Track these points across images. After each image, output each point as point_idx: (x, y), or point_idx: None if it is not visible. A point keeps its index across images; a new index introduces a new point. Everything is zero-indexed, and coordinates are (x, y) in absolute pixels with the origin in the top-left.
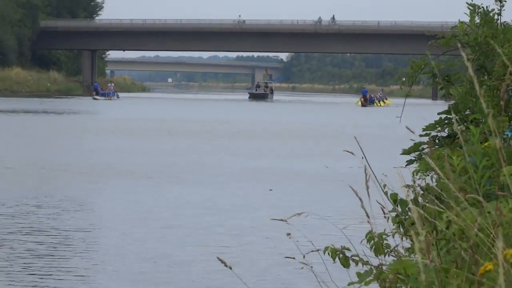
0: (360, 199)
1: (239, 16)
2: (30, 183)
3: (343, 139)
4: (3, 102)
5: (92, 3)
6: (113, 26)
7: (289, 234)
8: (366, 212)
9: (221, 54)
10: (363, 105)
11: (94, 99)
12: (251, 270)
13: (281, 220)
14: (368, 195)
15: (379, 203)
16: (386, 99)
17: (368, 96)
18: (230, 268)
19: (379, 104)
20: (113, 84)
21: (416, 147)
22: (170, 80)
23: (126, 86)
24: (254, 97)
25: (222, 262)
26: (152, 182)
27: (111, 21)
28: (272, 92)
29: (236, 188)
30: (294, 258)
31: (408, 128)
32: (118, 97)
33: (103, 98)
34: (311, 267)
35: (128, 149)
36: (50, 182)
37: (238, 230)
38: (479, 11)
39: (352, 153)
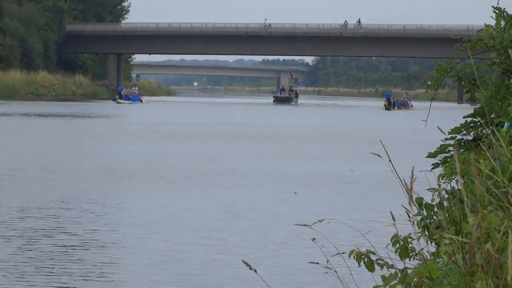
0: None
1: (265, 20)
2: (42, 188)
3: (366, 142)
4: (21, 106)
5: (118, 7)
6: (139, 30)
7: (314, 239)
8: (392, 216)
9: (247, 57)
10: (387, 108)
11: (118, 102)
12: (275, 274)
13: (305, 225)
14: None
15: (404, 207)
16: (410, 102)
17: (392, 99)
18: (255, 271)
19: (403, 108)
20: (137, 88)
21: (442, 149)
22: (195, 83)
23: (151, 90)
24: (278, 100)
25: (247, 265)
26: (175, 185)
27: (137, 25)
28: (296, 96)
29: (260, 191)
30: (318, 263)
31: (439, 129)
32: (142, 101)
33: (127, 101)
34: (335, 271)
35: (151, 152)
36: (72, 185)
37: (262, 235)
38: (504, 15)
39: (379, 156)
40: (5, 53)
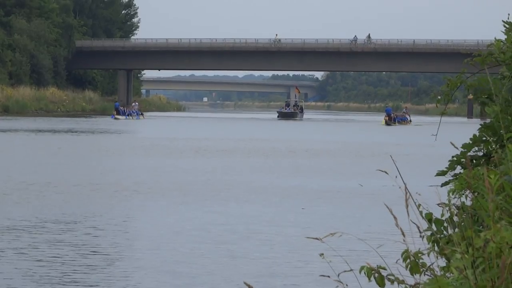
0: (395, 217)
1: (276, 35)
2: (47, 202)
3: (374, 157)
4: (30, 122)
5: (128, 23)
6: (148, 45)
7: (322, 254)
8: (401, 231)
9: (257, 73)
10: (387, 123)
11: (115, 118)
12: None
13: (316, 238)
14: (408, 214)
15: (414, 223)
16: (409, 117)
17: (392, 115)
18: None
19: (403, 123)
20: (137, 104)
21: (451, 166)
22: (205, 99)
23: (161, 106)
24: (283, 116)
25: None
26: (183, 200)
27: (146, 40)
28: (302, 111)
29: (267, 206)
30: (329, 276)
31: (452, 144)
32: (143, 117)
33: (125, 117)
34: (346, 285)
35: (153, 167)
36: (81, 199)
37: (270, 250)
38: None
39: (386, 172)
40: (15, 69)
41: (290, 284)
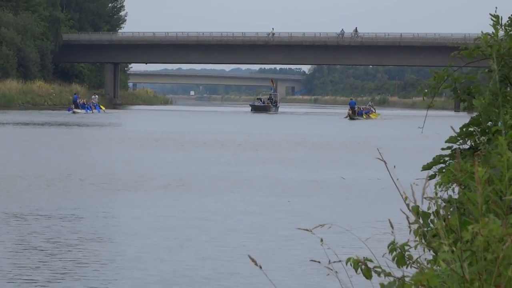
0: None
1: (272, 29)
2: (34, 196)
3: (348, 149)
4: (17, 115)
5: (114, 16)
6: (135, 39)
7: (322, 240)
8: (390, 223)
9: (244, 66)
10: (350, 118)
11: (74, 112)
12: (277, 276)
13: (306, 230)
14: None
15: (404, 212)
16: (374, 111)
17: (356, 108)
18: (260, 267)
19: (366, 117)
20: (97, 96)
21: (436, 161)
22: (192, 93)
23: (148, 99)
24: (256, 109)
25: (253, 260)
26: (170, 193)
27: (133, 34)
28: (275, 105)
29: (255, 197)
30: (319, 262)
31: (452, 128)
32: (104, 111)
33: (83, 111)
34: (336, 272)
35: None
36: (70, 193)
37: (261, 240)
38: (502, 22)
39: (385, 162)
40: (2, 62)
41: (283, 270)
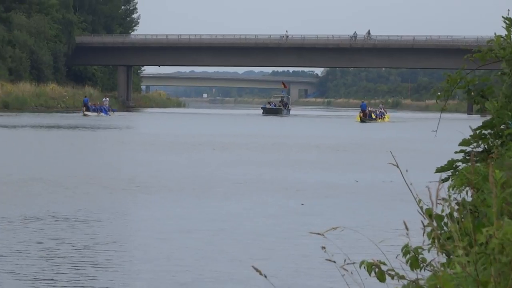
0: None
1: (286, 31)
2: (44, 198)
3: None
4: (30, 118)
5: (127, 18)
6: (148, 41)
7: (324, 247)
8: (405, 225)
9: (257, 69)
10: (362, 120)
11: (84, 115)
12: (288, 281)
13: (318, 234)
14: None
15: (421, 214)
16: (386, 114)
17: (368, 110)
18: (265, 276)
19: (378, 120)
20: (107, 99)
21: (450, 165)
22: (205, 95)
23: (161, 102)
24: (267, 112)
25: (257, 271)
26: (184, 195)
27: (146, 36)
28: (286, 107)
29: (269, 201)
30: (334, 262)
31: (471, 128)
32: (114, 113)
33: (95, 114)
34: (351, 272)
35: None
36: (83, 195)
37: (271, 244)
38: None
39: (398, 166)
40: (15, 65)
41: (294, 275)
